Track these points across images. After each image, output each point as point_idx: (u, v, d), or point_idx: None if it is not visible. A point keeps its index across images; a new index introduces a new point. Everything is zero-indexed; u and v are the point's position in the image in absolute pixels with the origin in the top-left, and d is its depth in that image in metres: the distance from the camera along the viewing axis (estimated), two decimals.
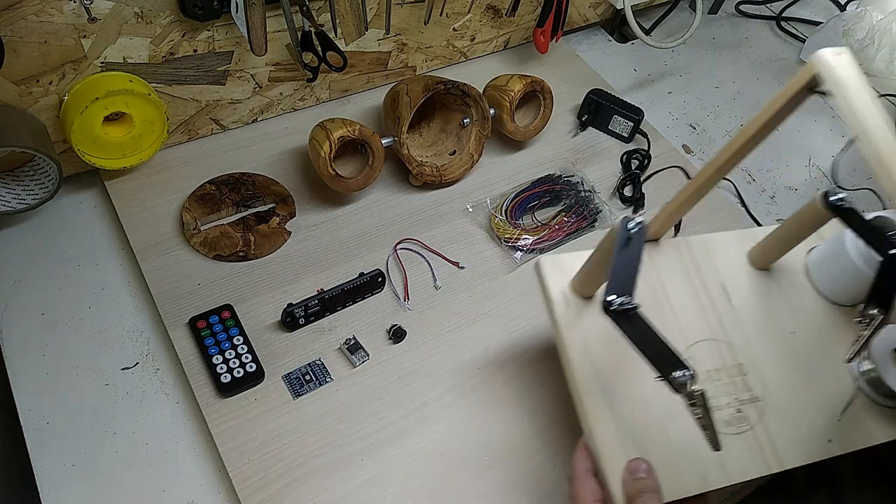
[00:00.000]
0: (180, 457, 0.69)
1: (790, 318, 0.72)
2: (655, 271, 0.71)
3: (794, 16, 1.32)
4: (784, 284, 0.73)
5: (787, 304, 0.72)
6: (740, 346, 0.68)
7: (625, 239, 0.60)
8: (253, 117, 0.96)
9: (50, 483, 0.66)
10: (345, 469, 0.69)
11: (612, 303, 0.56)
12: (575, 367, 0.64)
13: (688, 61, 1.21)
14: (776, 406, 0.66)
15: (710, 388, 0.65)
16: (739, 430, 0.64)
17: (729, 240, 0.75)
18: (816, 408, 0.67)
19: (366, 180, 0.88)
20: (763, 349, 0.69)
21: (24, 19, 0.71)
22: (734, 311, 0.70)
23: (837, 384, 0.69)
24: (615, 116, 1.02)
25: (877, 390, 0.69)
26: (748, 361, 0.68)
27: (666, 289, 0.70)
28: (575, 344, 0.65)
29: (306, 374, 0.75)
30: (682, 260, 0.72)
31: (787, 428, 0.66)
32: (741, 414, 0.65)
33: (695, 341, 0.68)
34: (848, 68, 0.50)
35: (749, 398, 0.66)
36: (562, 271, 0.69)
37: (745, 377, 0.67)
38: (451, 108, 0.95)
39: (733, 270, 0.73)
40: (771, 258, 0.73)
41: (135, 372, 0.74)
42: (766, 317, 0.71)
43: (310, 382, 0.74)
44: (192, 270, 0.81)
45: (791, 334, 0.71)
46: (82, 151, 0.80)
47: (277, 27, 0.86)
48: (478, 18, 1.05)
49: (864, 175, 1.06)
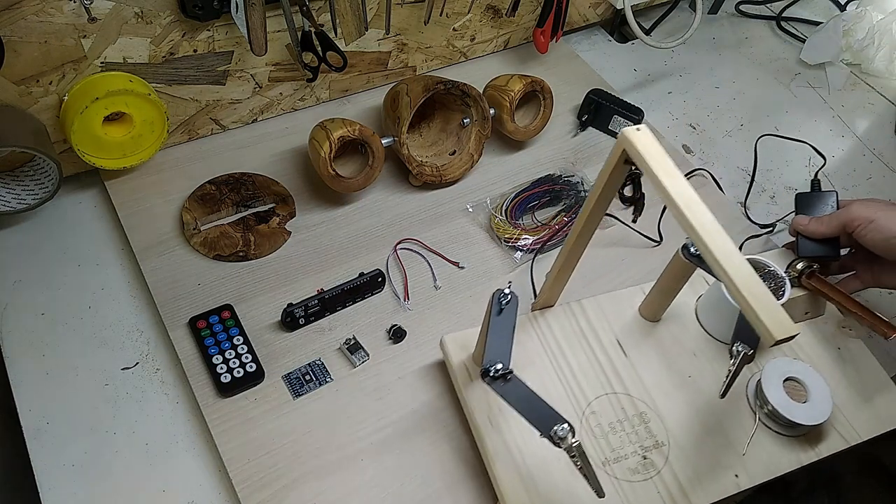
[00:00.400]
0: (180, 457, 0.69)
1: (686, 362, 0.76)
2: (553, 337, 0.75)
3: (794, 16, 1.32)
4: (677, 332, 0.78)
5: (682, 350, 0.77)
6: (639, 396, 0.72)
7: (498, 309, 0.64)
8: (253, 117, 0.97)
9: (50, 483, 0.66)
10: (345, 469, 0.69)
11: (489, 370, 0.60)
12: (483, 434, 0.67)
13: (688, 61, 1.21)
14: (680, 449, 0.70)
15: (615, 440, 0.69)
16: (647, 476, 0.67)
17: (619, 298, 0.80)
18: (720, 445, 0.70)
19: (366, 180, 0.88)
20: (662, 396, 0.73)
21: (24, 19, 0.71)
22: (631, 364, 0.75)
23: (738, 420, 0.73)
24: (615, 116, 1.02)
25: (776, 421, 0.72)
26: (649, 410, 0.72)
27: (564, 352, 0.75)
28: (480, 411, 0.69)
29: (306, 374, 0.75)
30: (577, 322, 0.78)
31: (693, 469, 0.69)
32: (647, 460, 0.68)
33: (595, 397, 0.72)
34: (647, 143, 0.55)
35: (653, 444, 0.70)
36: (462, 347, 0.73)
37: (648, 424, 0.71)
38: (451, 108, 0.95)
39: (626, 325, 0.78)
40: (659, 309, 0.78)
41: (135, 372, 0.74)
42: (663, 365, 0.75)
43: (310, 382, 0.74)
44: (192, 270, 0.81)
45: (689, 378, 0.75)
46: (82, 151, 0.80)
47: (277, 27, 0.86)
48: (478, 18, 1.05)
49: (864, 175, 1.06)
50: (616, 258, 0.89)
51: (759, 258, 0.78)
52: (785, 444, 0.71)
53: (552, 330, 0.76)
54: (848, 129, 1.14)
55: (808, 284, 0.79)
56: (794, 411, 0.70)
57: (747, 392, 0.74)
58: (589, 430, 0.69)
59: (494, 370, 0.60)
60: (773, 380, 0.72)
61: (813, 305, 0.81)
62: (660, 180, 0.53)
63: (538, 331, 0.75)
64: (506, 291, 0.64)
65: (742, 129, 1.11)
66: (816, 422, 0.70)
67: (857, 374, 0.77)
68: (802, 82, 1.21)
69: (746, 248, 0.92)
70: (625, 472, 0.67)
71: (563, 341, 0.75)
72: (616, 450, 0.68)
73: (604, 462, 0.67)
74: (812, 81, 1.21)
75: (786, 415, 0.70)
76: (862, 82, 1.22)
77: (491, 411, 0.68)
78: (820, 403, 0.71)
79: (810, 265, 0.80)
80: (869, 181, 1.05)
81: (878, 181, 1.06)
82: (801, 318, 0.81)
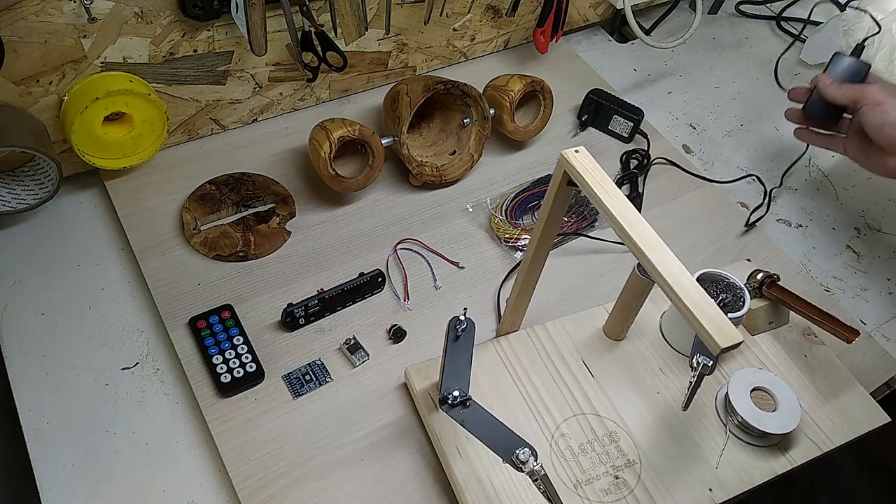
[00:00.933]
0: (180, 457, 0.69)
1: (654, 379, 0.76)
2: (519, 362, 0.76)
3: (794, 16, 1.32)
4: (643, 349, 0.78)
5: (649, 367, 0.77)
6: (608, 415, 0.72)
7: (454, 336, 0.64)
8: (253, 117, 0.97)
9: (50, 483, 0.66)
10: (345, 469, 0.69)
11: (447, 398, 0.61)
12: (451, 463, 0.67)
13: (688, 61, 1.21)
14: (652, 466, 0.70)
15: (585, 461, 0.69)
16: (619, 496, 0.67)
17: (583, 319, 0.80)
18: (692, 460, 0.70)
19: (366, 180, 0.88)
20: (632, 414, 0.73)
21: (24, 19, 0.71)
22: (598, 384, 0.75)
23: (710, 433, 0.73)
24: (615, 116, 1.02)
25: (746, 432, 0.72)
26: (619, 428, 0.72)
27: (531, 376, 0.75)
28: (448, 440, 0.69)
29: (306, 374, 0.75)
30: (543, 345, 0.78)
31: (666, 485, 0.68)
32: (619, 480, 0.68)
33: (564, 419, 0.71)
34: (587, 164, 0.57)
35: (625, 463, 0.69)
36: (427, 377, 0.73)
37: (618, 444, 0.71)
38: (451, 108, 0.95)
39: (591, 346, 0.78)
40: (622, 328, 0.78)
41: (135, 372, 0.74)
42: (630, 383, 0.76)
43: (310, 382, 0.74)
44: (192, 270, 0.81)
45: (657, 394, 0.75)
46: (82, 151, 0.80)
47: (277, 27, 0.86)
48: (478, 18, 1.05)
49: (865, 174, 1.06)
50: (599, 271, 0.89)
51: (716, 271, 0.77)
52: (757, 454, 0.71)
53: (517, 355, 0.76)
54: None
55: (769, 294, 0.79)
56: (763, 421, 0.70)
57: (716, 404, 0.74)
58: (559, 453, 0.69)
59: (452, 397, 0.61)
60: (740, 391, 0.72)
61: (776, 315, 0.81)
62: (601, 200, 0.54)
63: (503, 356, 0.75)
64: (461, 318, 0.64)
65: (742, 129, 1.11)
66: (786, 430, 0.70)
67: (825, 381, 0.77)
68: (802, 82, 1.20)
69: (745, 247, 0.93)
70: (597, 494, 0.67)
71: (528, 366, 0.75)
72: (587, 471, 0.68)
73: (576, 485, 0.67)
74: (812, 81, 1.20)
75: (755, 425, 0.70)
76: None
77: (458, 440, 0.68)
78: (789, 411, 0.71)
79: (770, 275, 0.79)
80: (869, 181, 1.05)
81: (878, 181, 1.06)
82: (765, 328, 0.81)
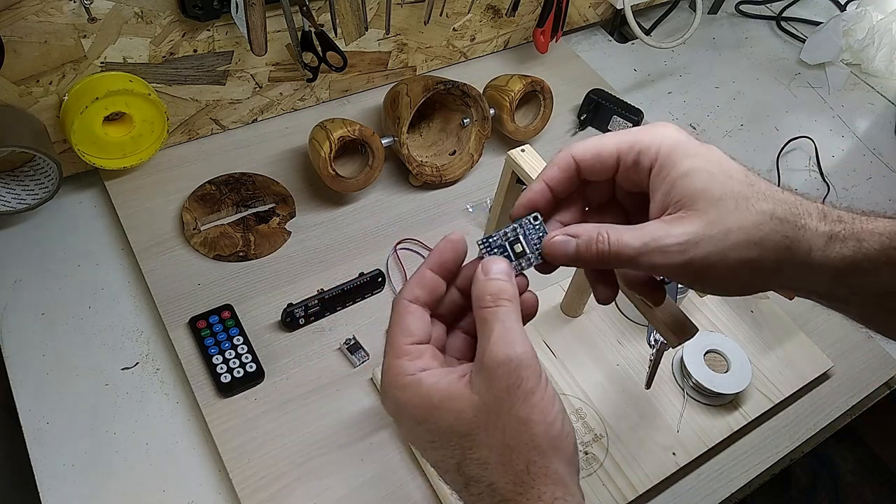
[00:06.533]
0: (180, 457, 0.69)
1: (613, 352, 0.78)
2: None
3: (794, 16, 1.32)
4: (600, 323, 0.80)
5: (607, 340, 0.79)
6: (573, 393, 0.74)
7: None
8: (253, 117, 0.97)
9: (50, 483, 0.66)
10: (345, 469, 0.69)
11: None
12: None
13: (688, 61, 1.21)
14: (619, 438, 0.72)
15: None
16: (590, 471, 0.69)
17: (540, 299, 0.79)
18: (655, 428, 0.73)
19: (366, 180, 0.88)
20: (594, 389, 0.75)
21: (24, 19, 0.71)
22: (561, 363, 0.76)
23: (668, 399, 0.75)
24: (614, 116, 1.02)
25: (702, 394, 0.75)
26: (584, 405, 0.73)
27: None
28: None
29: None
30: None
31: (633, 454, 0.71)
32: (589, 455, 0.70)
33: None
34: (533, 163, 0.58)
35: (592, 438, 0.71)
36: None
37: (585, 420, 0.72)
38: (451, 108, 0.95)
39: (551, 325, 0.79)
40: (579, 305, 0.79)
41: (135, 372, 0.74)
42: (591, 358, 0.77)
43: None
44: (192, 270, 0.81)
45: (617, 366, 0.77)
46: (82, 151, 0.80)
47: (277, 27, 0.86)
48: (478, 18, 1.05)
49: (864, 175, 1.07)
50: None
51: None
52: (714, 413, 0.74)
53: None
54: (848, 129, 1.14)
55: None
56: (717, 382, 0.73)
57: (672, 370, 0.76)
58: None
59: None
60: (694, 355, 0.75)
61: None
62: None
63: None
64: None
65: (742, 129, 1.11)
66: (739, 389, 0.73)
67: (772, 333, 0.80)
68: (802, 82, 1.21)
69: None
70: None
71: None
72: None
73: None
74: (812, 81, 1.21)
75: (710, 387, 0.73)
76: (862, 82, 1.22)
77: None
78: (740, 370, 0.74)
79: None
80: (869, 181, 1.05)
81: (878, 181, 1.06)
82: None
